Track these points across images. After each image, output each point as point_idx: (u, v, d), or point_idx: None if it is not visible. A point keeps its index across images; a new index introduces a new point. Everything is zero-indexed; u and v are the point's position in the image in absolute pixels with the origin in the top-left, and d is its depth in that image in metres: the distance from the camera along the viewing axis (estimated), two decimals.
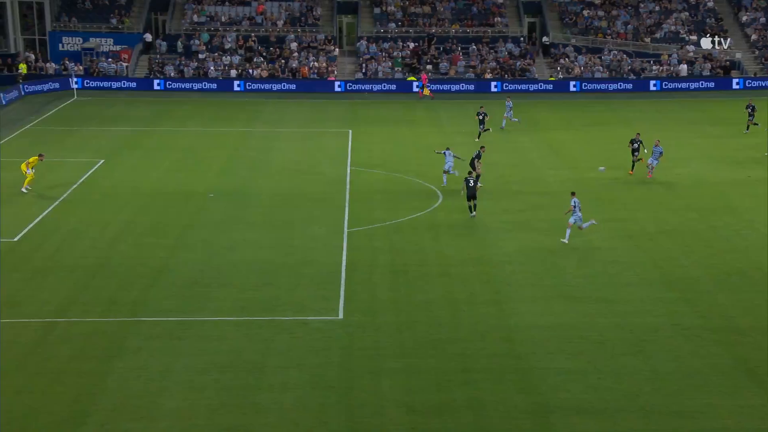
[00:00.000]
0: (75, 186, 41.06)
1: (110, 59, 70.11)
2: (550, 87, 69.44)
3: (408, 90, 68.13)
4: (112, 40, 72.39)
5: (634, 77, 70.66)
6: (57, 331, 25.68)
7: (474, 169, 38.78)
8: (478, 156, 39.87)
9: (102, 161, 45.73)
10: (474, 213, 36.35)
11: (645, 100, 66.30)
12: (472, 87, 69.21)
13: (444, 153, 41.23)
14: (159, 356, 24.10)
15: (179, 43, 72.01)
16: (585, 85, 69.54)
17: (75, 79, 66.48)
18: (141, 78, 69.35)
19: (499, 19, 75.87)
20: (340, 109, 62.18)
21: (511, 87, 68.96)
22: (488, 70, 70.79)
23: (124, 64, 69.79)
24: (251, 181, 42.47)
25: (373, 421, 21.19)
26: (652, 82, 69.77)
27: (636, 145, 43.58)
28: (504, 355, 24.47)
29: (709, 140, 52.14)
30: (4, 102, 61.08)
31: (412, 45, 73.05)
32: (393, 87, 68.74)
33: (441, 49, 72.98)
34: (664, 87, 69.51)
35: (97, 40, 71.98)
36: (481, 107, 52.19)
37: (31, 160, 40.25)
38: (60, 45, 72.17)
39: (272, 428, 20.87)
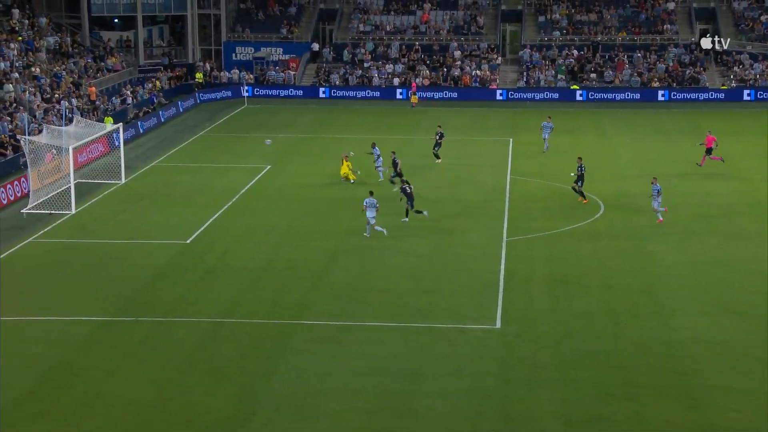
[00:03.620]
0: (243, 191, 42.57)
1: (278, 68, 72.39)
2: (721, 96, 66.89)
3: (571, 99, 67.20)
4: (281, 49, 74.76)
5: None
6: (224, 331, 26.70)
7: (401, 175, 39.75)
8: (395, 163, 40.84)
9: (269, 167, 47.20)
10: (407, 218, 36.50)
11: None
12: (637, 96, 67.53)
13: (374, 150, 43.14)
14: (319, 359, 24.67)
15: (345, 51, 73.58)
16: (760, 94, 66.62)
17: (246, 88, 68.97)
18: (307, 86, 71.22)
19: (668, 26, 73.75)
20: (501, 117, 61.96)
21: (680, 96, 66.91)
22: (655, 79, 68.90)
23: (292, 73, 71.87)
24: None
25: (529, 431, 21.05)
26: None
27: (581, 172, 38.42)
28: (667, 371, 23.81)
29: None
30: (181, 109, 64.07)
31: (576, 53, 71.99)
32: (555, 96, 67.93)
33: (606, 56, 71.58)
34: None
35: (268, 49, 74.51)
36: (438, 126, 49.12)
37: (347, 162, 43.41)
38: (233, 54, 75.10)
39: None
